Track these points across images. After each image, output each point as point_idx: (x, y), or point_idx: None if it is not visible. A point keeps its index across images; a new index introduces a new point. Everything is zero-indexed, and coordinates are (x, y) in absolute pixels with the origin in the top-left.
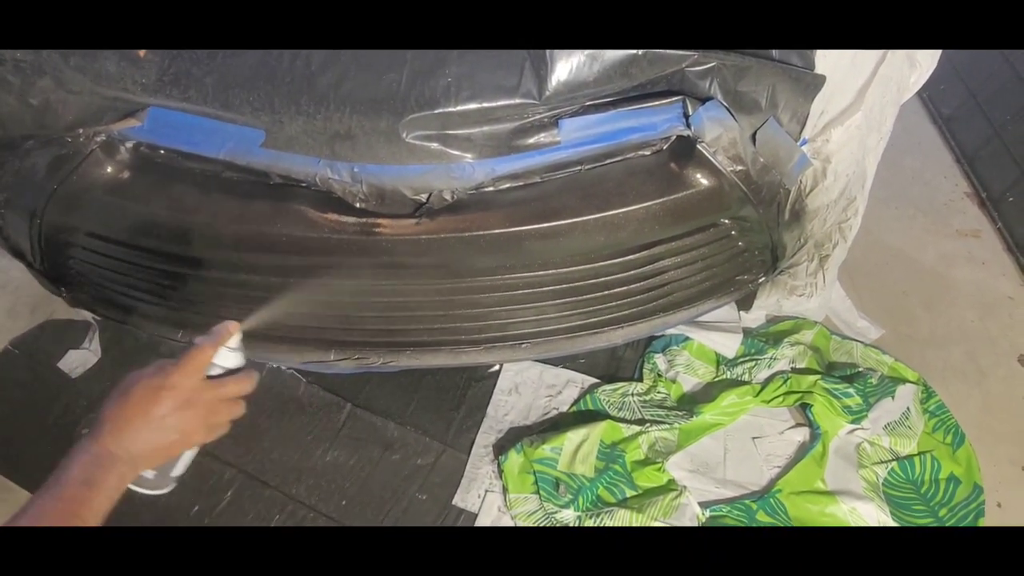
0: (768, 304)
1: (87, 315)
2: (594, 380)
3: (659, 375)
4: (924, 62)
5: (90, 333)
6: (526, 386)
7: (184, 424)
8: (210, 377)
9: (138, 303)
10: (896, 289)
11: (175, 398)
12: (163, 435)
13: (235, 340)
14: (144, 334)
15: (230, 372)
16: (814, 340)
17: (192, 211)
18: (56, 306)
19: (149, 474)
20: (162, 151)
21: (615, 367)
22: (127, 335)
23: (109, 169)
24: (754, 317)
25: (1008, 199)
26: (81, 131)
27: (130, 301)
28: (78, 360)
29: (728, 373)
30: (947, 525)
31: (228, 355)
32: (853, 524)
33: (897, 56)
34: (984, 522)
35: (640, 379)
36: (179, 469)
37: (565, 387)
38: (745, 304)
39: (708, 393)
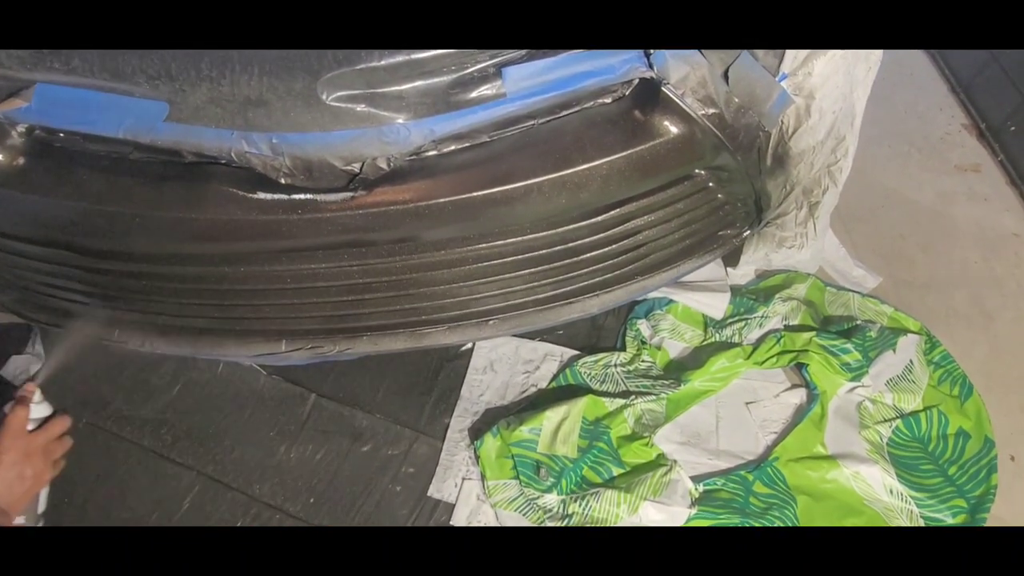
0: (756, 259)
1: None
2: (574, 352)
3: (643, 342)
4: None
5: (32, 336)
6: (501, 363)
7: (32, 470)
8: (32, 430)
9: (65, 303)
10: (893, 233)
11: (16, 453)
12: (20, 484)
13: (38, 395)
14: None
15: (45, 419)
16: (807, 294)
17: (99, 199)
18: None
19: (21, 519)
20: (61, 134)
21: (596, 337)
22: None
23: (0, 157)
24: (742, 273)
25: (1009, 128)
26: None
27: (56, 302)
28: (21, 366)
29: (717, 336)
30: (958, 483)
31: (37, 408)
32: (857, 489)
33: None
34: (997, 478)
35: (623, 348)
36: (42, 506)
37: (543, 361)
38: (731, 260)
39: (696, 358)
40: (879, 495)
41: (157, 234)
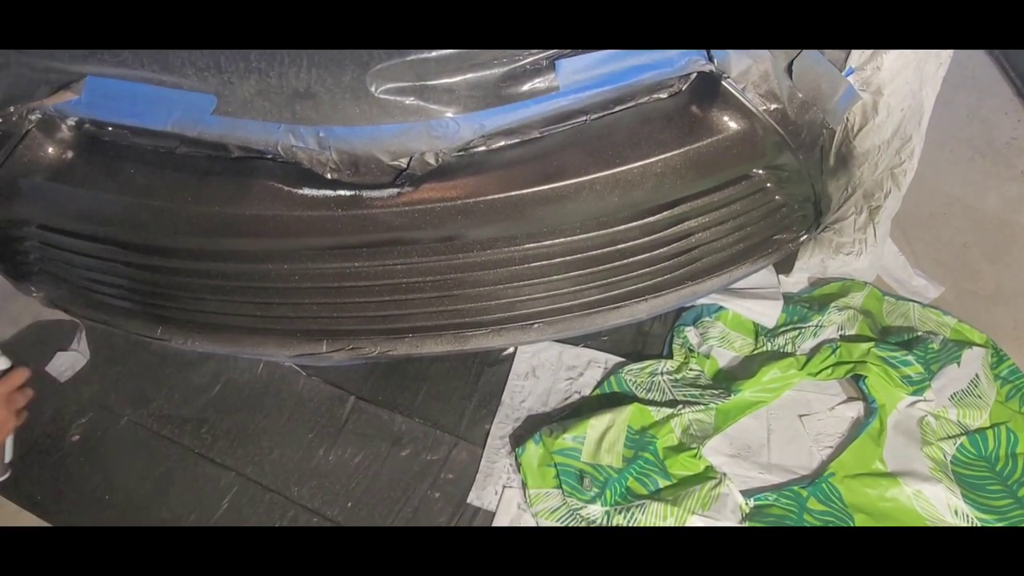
0: (811, 265)
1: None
2: (619, 359)
3: (691, 350)
4: None
5: (78, 334)
6: (544, 369)
7: None
8: None
9: (110, 299)
10: (956, 241)
11: None
12: None
13: None
14: (124, 333)
15: (4, 372)
16: (865, 303)
17: (145, 194)
18: (41, 307)
19: None
20: (109, 128)
21: (642, 343)
22: (116, 334)
23: (50, 151)
24: (795, 281)
25: None
26: (12, 109)
27: (101, 298)
28: (67, 363)
29: (768, 345)
30: None
31: None
32: (919, 509)
33: None
34: None
35: (670, 356)
36: (8, 455)
37: (587, 368)
38: (785, 267)
39: (747, 368)
40: (942, 515)
41: (201, 230)
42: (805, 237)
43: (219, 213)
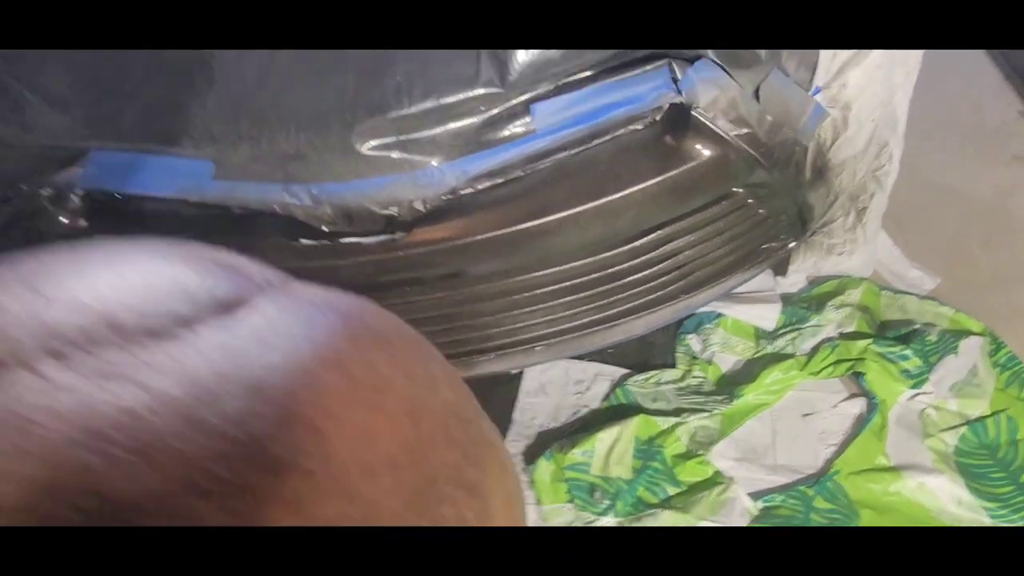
0: (805, 267)
1: None
2: (624, 371)
3: (694, 358)
4: None
5: None
6: (553, 385)
7: None
8: None
9: None
10: (949, 230)
11: None
12: None
13: None
14: None
15: None
16: (862, 299)
17: None
18: None
19: None
20: (117, 196)
21: (646, 354)
22: None
23: (63, 221)
24: (792, 282)
25: None
26: (24, 187)
27: None
28: None
29: (769, 347)
30: None
31: None
32: (923, 501)
33: None
34: None
35: (673, 364)
36: None
37: (594, 381)
38: (780, 269)
39: (749, 372)
40: (947, 506)
41: None
42: (794, 244)
43: None
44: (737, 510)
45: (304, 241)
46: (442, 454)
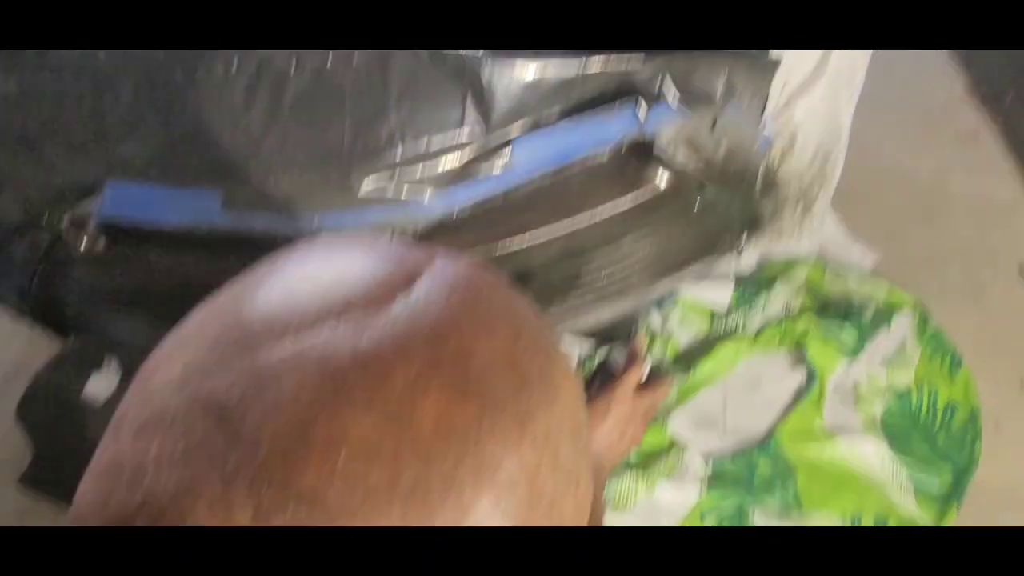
0: (758, 249)
1: None
2: (590, 343)
3: (654, 334)
4: None
5: (107, 358)
6: None
7: (632, 432)
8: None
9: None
10: (891, 208)
11: (624, 412)
12: (620, 445)
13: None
14: None
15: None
16: (808, 277)
17: (169, 273)
18: None
19: None
20: (132, 222)
21: (610, 329)
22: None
23: (81, 248)
24: (744, 263)
25: (1008, 96)
26: (45, 216)
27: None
28: (103, 384)
29: (723, 324)
30: (945, 451)
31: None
32: (852, 462)
33: None
34: (981, 444)
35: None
36: None
37: (567, 349)
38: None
39: (704, 347)
40: (871, 466)
41: None
42: (745, 239)
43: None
44: (690, 472)
45: None
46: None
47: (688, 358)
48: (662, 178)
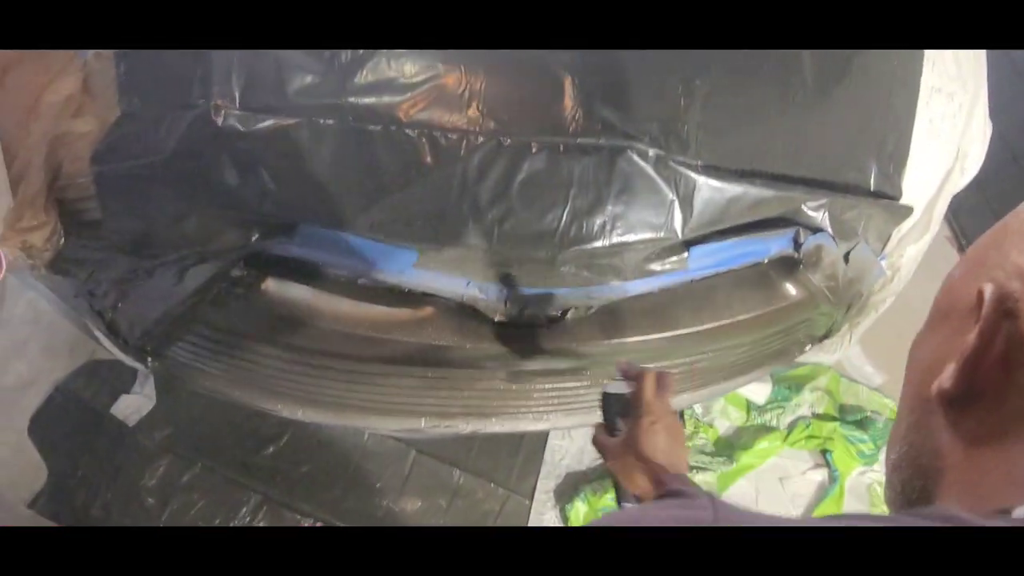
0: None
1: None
2: None
3: (698, 420)
4: (970, 168)
5: (140, 378)
6: (578, 431)
7: (676, 426)
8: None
9: (238, 379)
10: (892, 333)
11: (664, 416)
12: (678, 442)
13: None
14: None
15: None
16: (828, 384)
17: (334, 318)
18: (95, 345)
19: None
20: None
21: None
22: (179, 381)
23: (253, 283)
24: None
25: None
26: (231, 252)
27: (230, 377)
28: (132, 406)
29: (758, 418)
30: None
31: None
32: None
33: (955, 171)
34: None
35: (682, 423)
36: None
37: None
38: None
39: (740, 436)
40: None
41: (363, 346)
42: (810, 348)
43: (388, 339)
44: None
45: (470, 326)
46: None
47: (727, 447)
48: (796, 294)
